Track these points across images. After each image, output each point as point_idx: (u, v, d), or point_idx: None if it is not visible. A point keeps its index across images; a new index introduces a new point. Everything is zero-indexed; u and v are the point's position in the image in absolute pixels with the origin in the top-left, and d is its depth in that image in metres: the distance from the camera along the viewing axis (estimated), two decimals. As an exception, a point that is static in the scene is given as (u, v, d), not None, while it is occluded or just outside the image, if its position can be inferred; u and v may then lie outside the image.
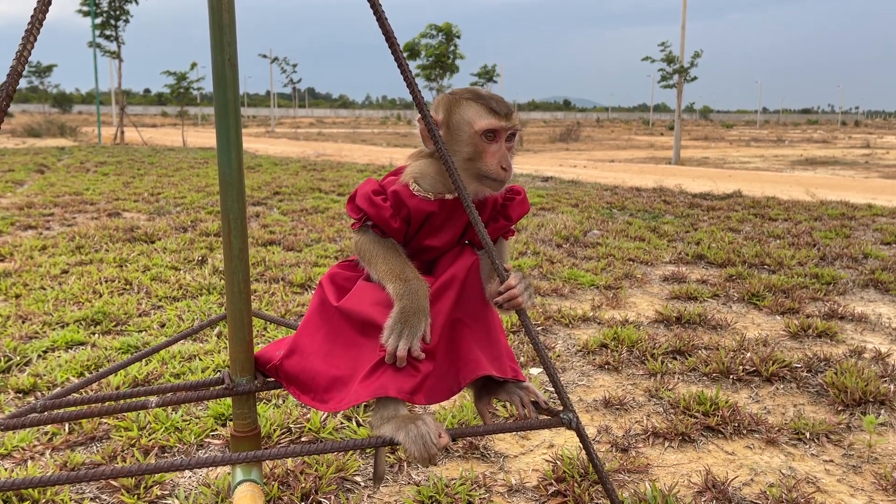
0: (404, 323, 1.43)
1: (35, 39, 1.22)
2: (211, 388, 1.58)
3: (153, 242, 5.84)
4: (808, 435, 2.50)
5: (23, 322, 3.67)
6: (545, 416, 1.50)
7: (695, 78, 21.69)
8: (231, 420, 2.50)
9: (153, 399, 1.48)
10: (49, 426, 2.48)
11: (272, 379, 1.60)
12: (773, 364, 3.07)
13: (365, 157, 18.21)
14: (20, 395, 2.78)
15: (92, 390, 2.78)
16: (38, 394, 2.81)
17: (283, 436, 2.44)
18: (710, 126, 65.10)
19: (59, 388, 2.78)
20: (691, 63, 21.37)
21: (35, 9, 1.22)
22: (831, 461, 2.35)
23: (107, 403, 1.51)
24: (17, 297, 4.15)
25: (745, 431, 2.53)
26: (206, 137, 29.64)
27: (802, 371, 3.08)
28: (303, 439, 2.43)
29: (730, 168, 17.39)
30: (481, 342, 1.53)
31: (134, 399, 1.52)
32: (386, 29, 1.43)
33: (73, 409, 1.48)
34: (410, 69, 1.46)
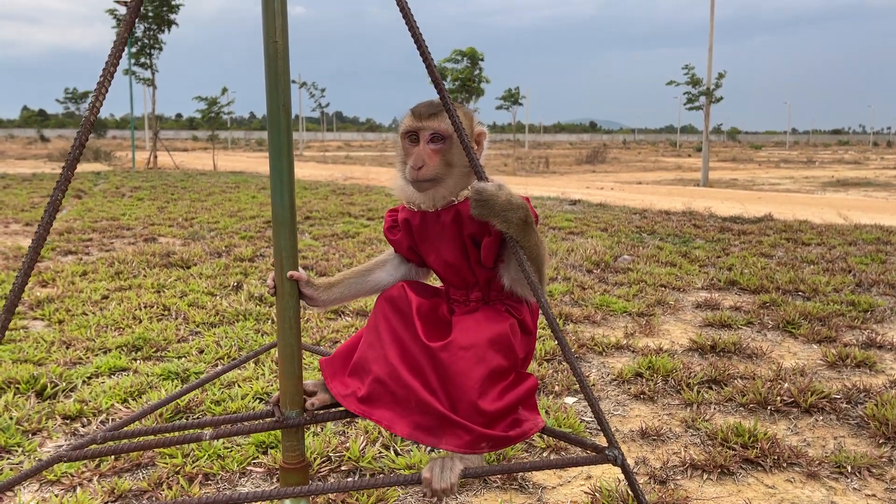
0: None
1: (106, 91, 1.29)
2: (262, 421, 1.62)
3: (189, 268, 5.95)
4: (849, 468, 2.47)
5: (67, 347, 3.77)
6: (591, 453, 1.52)
7: (720, 98, 21.64)
8: (272, 448, 2.55)
9: (207, 432, 1.53)
10: (96, 452, 2.54)
11: (321, 411, 1.64)
12: (811, 395, 3.04)
13: (392, 180, 18.34)
14: (67, 421, 2.85)
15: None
16: (84, 420, 2.88)
17: (324, 465, 2.47)
18: (738, 147, 64.59)
19: (117, 420, 2.86)
20: (716, 84, 21.34)
21: (106, 62, 1.29)
22: (874, 496, 2.32)
23: (162, 435, 1.56)
24: (61, 322, 4.26)
25: (784, 464, 2.51)
26: (235, 161, 30.14)
27: (842, 402, 3.04)
28: (342, 468, 2.47)
29: (759, 190, 17.25)
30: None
31: (189, 431, 1.57)
32: (426, 58, 1.48)
33: (132, 440, 1.53)
34: (446, 88, 1.50)
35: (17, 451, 2.61)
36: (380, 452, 2.57)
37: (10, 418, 2.82)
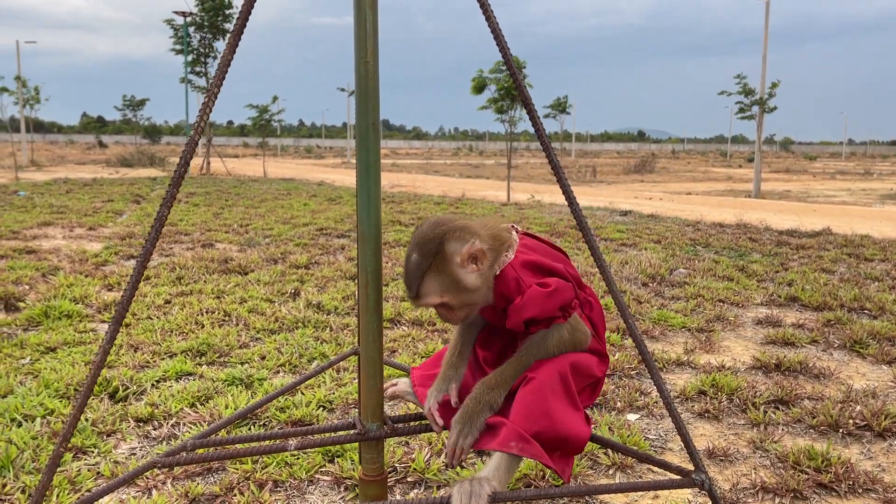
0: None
1: (207, 118, 1.34)
2: (344, 433, 1.65)
3: (246, 274, 6.07)
4: (928, 497, 2.39)
5: (135, 351, 3.88)
6: (676, 476, 1.50)
7: (774, 108, 21.19)
8: (338, 457, 2.59)
9: (292, 442, 1.56)
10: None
11: (402, 425, 1.67)
12: (884, 418, 2.95)
13: (438, 187, 18.44)
14: (140, 424, 2.94)
15: (205, 422, 2.92)
16: (156, 423, 2.96)
17: (389, 475, 2.49)
18: (791, 158, 63.06)
19: (188, 423, 2.94)
20: (769, 94, 20.91)
21: (205, 102, 1.34)
22: (957, 527, 2.24)
23: (249, 444, 1.60)
24: (127, 325, 4.39)
25: (860, 490, 2.44)
26: (285, 168, 30.65)
27: (917, 427, 2.94)
28: (409, 479, 2.49)
29: (814, 202, 16.81)
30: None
31: (275, 441, 1.60)
32: (519, 85, 1.49)
33: (221, 448, 1.57)
34: (532, 100, 1.51)
35: (93, 451, 2.70)
36: (445, 464, 2.59)
37: (86, 420, 2.92)
